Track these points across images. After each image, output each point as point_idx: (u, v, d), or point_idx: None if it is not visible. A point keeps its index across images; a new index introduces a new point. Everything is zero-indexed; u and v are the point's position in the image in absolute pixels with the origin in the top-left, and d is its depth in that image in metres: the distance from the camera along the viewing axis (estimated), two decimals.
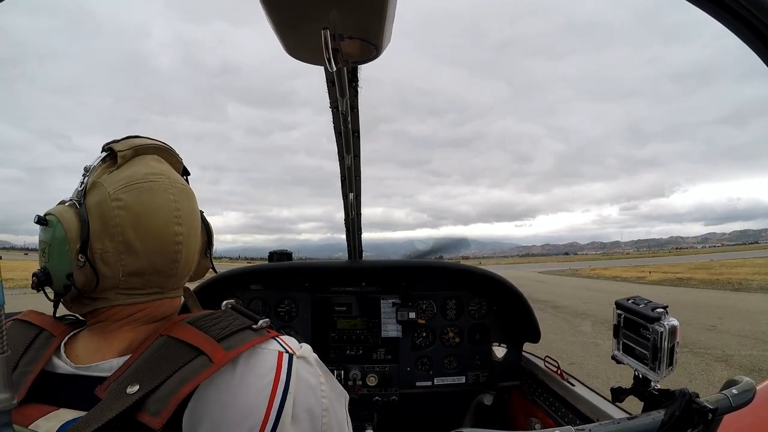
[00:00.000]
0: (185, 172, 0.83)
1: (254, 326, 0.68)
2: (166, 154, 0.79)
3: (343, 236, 2.48)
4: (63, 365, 0.65)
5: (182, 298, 0.80)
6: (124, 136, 0.76)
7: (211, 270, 0.91)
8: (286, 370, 0.64)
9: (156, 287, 0.72)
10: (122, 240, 0.66)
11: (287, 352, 0.67)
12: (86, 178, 0.69)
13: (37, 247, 0.70)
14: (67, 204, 0.68)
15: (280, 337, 0.70)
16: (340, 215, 2.35)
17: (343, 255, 2.73)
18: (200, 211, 0.83)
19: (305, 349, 0.71)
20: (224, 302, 0.76)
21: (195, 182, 0.84)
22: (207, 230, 0.86)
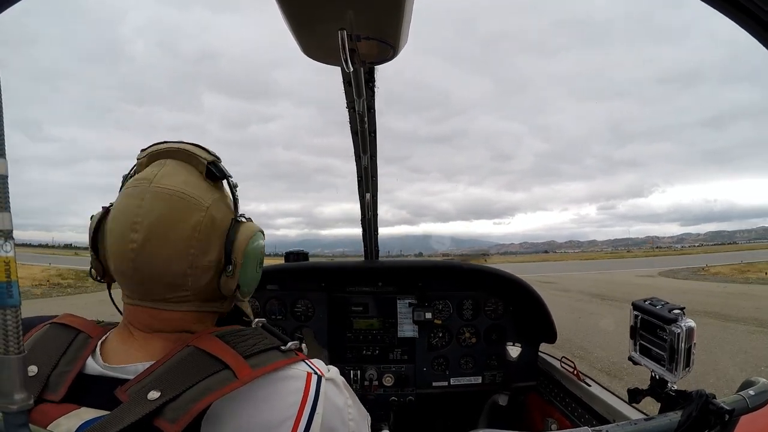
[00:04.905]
0: (210, 173, 0.75)
1: (283, 347, 0.71)
2: (183, 155, 0.75)
3: (323, 232, 2.54)
4: (93, 366, 0.68)
5: (201, 315, 0.76)
6: (156, 141, 0.79)
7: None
8: (314, 391, 0.67)
9: (136, 293, 0.72)
10: (108, 242, 0.73)
11: (316, 373, 0.70)
12: (122, 185, 0.75)
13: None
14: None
15: (309, 359, 0.72)
16: (318, 210, 2.36)
17: (322, 251, 2.74)
18: (234, 223, 0.76)
19: (333, 372, 0.74)
20: (255, 320, 0.79)
21: None
22: (226, 246, 0.74)
